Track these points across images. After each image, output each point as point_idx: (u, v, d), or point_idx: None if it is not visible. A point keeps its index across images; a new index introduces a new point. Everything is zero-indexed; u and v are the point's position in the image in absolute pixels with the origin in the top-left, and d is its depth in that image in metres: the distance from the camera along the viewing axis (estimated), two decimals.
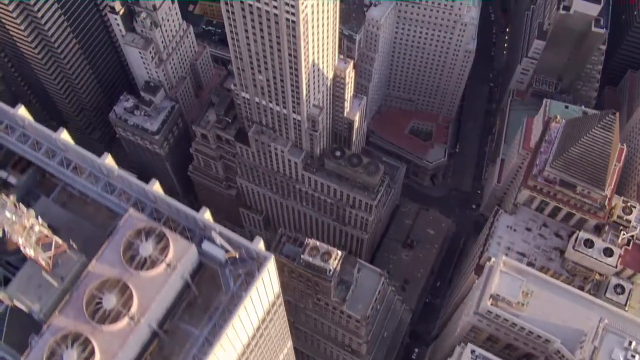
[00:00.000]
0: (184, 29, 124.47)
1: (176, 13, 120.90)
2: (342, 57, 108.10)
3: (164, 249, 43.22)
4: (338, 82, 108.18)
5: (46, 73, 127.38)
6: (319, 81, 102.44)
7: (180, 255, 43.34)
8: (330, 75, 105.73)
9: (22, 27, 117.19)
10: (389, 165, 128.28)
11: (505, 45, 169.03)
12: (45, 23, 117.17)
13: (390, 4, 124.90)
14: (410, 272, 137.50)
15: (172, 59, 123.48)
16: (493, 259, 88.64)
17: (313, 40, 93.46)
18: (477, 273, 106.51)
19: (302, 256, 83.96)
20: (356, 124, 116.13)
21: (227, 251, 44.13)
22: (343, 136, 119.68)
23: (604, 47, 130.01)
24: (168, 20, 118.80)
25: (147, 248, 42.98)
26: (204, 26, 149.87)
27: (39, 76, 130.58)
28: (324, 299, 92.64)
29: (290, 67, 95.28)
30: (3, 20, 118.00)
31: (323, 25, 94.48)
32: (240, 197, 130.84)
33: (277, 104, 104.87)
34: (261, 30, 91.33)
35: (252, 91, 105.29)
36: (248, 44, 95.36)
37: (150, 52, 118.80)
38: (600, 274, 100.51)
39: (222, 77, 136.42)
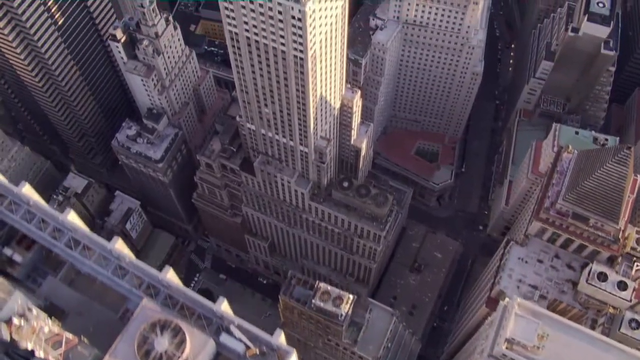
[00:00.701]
0: (187, 55, 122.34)
1: (178, 39, 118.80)
2: (349, 85, 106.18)
3: (181, 344, 41.26)
4: (345, 111, 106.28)
5: (47, 100, 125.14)
6: (326, 112, 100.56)
7: (198, 351, 41.40)
8: (338, 105, 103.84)
9: (22, 57, 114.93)
10: (396, 189, 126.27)
11: (511, 62, 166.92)
12: (46, 52, 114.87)
13: (396, 27, 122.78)
14: (418, 297, 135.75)
15: (175, 86, 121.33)
16: (507, 299, 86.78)
17: (321, 75, 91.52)
18: (489, 306, 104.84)
19: (313, 301, 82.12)
20: (363, 152, 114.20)
21: (247, 347, 42.22)
22: (350, 163, 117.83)
23: (613, 69, 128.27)
24: (170, 47, 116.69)
25: (162, 343, 41.03)
26: (206, 47, 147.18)
27: (40, 103, 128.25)
28: (334, 340, 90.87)
29: (298, 102, 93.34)
30: (2, 49, 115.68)
31: (331, 58, 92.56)
32: (246, 224, 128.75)
33: (284, 136, 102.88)
34: (268, 65, 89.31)
35: (257, 123, 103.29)
36: (254, 78, 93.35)
37: (153, 80, 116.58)
38: (614, 307, 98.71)
39: (226, 102, 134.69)
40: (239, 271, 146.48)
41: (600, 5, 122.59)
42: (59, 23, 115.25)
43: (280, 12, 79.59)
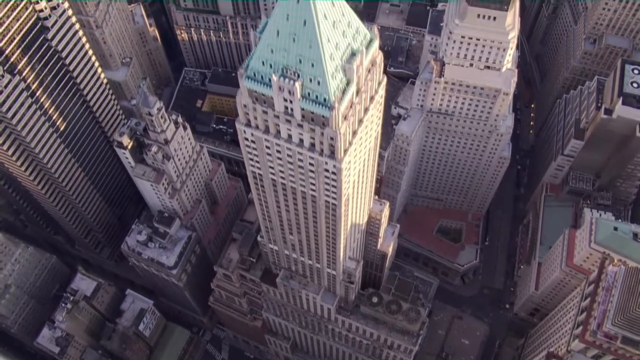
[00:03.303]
0: (197, 151, 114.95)
1: (189, 138, 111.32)
2: (376, 197, 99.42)
3: None
4: (373, 223, 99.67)
5: (50, 205, 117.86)
6: (355, 233, 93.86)
7: None
8: (365, 219, 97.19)
9: (23, 168, 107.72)
10: (421, 280, 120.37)
11: (532, 123, 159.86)
12: (48, 162, 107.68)
13: (420, 116, 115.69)
14: None
15: (187, 186, 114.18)
16: None
17: (353, 209, 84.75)
18: None
19: None
20: (389, 254, 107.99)
21: None
22: (375, 264, 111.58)
23: None
24: (181, 149, 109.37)
25: None
26: (214, 125, 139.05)
27: (43, 206, 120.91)
28: None
29: (327, 236, 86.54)
30: (1, 160, 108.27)
31: (364, 186, 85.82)
32: (266, 325, 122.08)
33: (310, 259, 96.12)
34: (295, 205, 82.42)
35: (281, 245, 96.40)
36: (279, 212, 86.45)
37: (163, 184, 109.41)
38: None
39: (239, 191, 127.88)
40: None
41: (635, 85, 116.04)
42: (61, 129, 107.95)
43: (311, 164, 72.71)
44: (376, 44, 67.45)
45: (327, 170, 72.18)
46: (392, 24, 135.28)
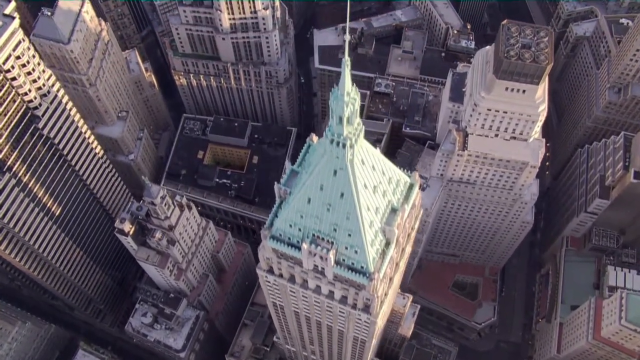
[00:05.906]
0: (203, 227, 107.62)
1: (194, 217, 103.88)
2: (400, 292, 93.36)
3: None
4: (395, 314, 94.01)
5: (49, 286, 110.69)
6: (378, 335, 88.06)
7: None
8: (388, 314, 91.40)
9: (18, 259, 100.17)
10: (440, 349, 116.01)
11: (547, 164, 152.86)
12: (44, 250, 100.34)
13: (440, 186, 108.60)
14: None
15: (193, 265, 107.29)
16: None
17: (380, 326, 78.79)
18: None
19: None
20: (409, 334, 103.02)
21: None
22: (394, 342, 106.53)
23: None
24: (186, 231, 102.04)
25: None
26: (217, 179, 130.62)
27: (41, 285, 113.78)
28: None
29: (353, 355, 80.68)
30: None
31: (391, 302, 79.72)
32: None
33: None
34: (319, 334, 76.27)
35: (300, 350, 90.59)
36: (300, 334, 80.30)
37: (169, 267, 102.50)
38: None
39: (247, 256, 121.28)
40: None
41: None
42: (56, 215, 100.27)
43: (342, 313, 66.23)
44: (416, 188, 60.03)
45: (359, 320, 65.90)
46: (405, 72, 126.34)
